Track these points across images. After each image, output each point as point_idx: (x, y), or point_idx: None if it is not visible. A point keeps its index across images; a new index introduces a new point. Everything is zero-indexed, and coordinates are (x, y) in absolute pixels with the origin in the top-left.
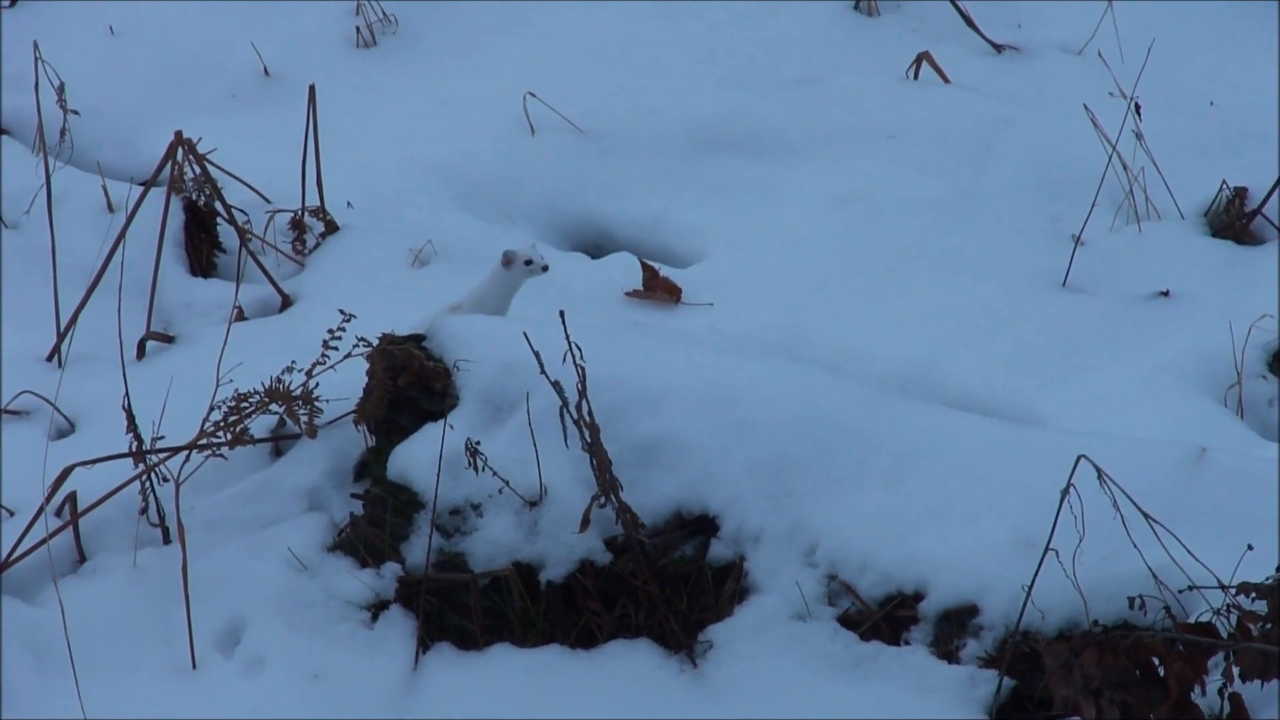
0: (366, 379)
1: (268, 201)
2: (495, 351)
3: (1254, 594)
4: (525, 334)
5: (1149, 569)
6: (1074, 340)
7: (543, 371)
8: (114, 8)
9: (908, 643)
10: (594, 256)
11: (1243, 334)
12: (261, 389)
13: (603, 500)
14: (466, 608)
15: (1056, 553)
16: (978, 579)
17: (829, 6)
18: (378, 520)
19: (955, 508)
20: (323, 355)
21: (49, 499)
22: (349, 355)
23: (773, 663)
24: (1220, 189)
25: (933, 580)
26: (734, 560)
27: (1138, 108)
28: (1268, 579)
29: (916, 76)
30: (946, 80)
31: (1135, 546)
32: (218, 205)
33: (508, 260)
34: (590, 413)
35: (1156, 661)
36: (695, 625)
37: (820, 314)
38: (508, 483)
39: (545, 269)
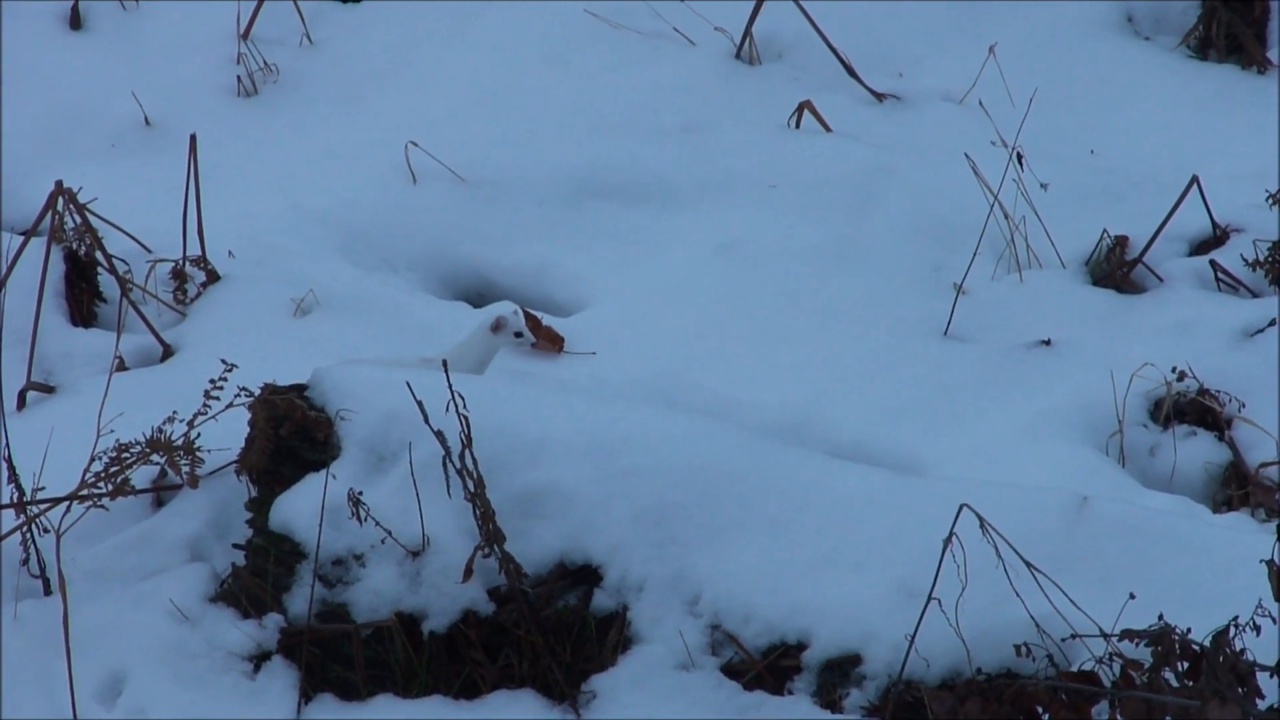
0: (248, 429)
1: (149, 251)
2: (378, 401)
3: (1138, 640)
4: (408, 383)
5: (1031, 617)
6: (956, 389)
7: (426, 421)
8: None
9: (791, 692)
10: (476, 305)
11: (1124, 383)
12: (143, 439)
13: (486, 550)
14: (349, 658)
15: (939, 601)
16: (861, 628)
17: (710, 55)
18: (260, 571)
19: (838, 557)
20: (204, 405)
21: None
22: (231, 405)
23: (656, 712)
24: (1101, 238)
25: (816, 629)
26: (617, 610)
27: (1019, 156)
28: (1150, 627)
29: (798, 125)
30: (828, 129)
31: (1018, 595)
32: (98, 255)
33: (498, 326)
34: (475, 463)
35: (1040, 710)
36: (579, 675)
37: (703, 362)
38: (390, 533)
39: (529, 343)
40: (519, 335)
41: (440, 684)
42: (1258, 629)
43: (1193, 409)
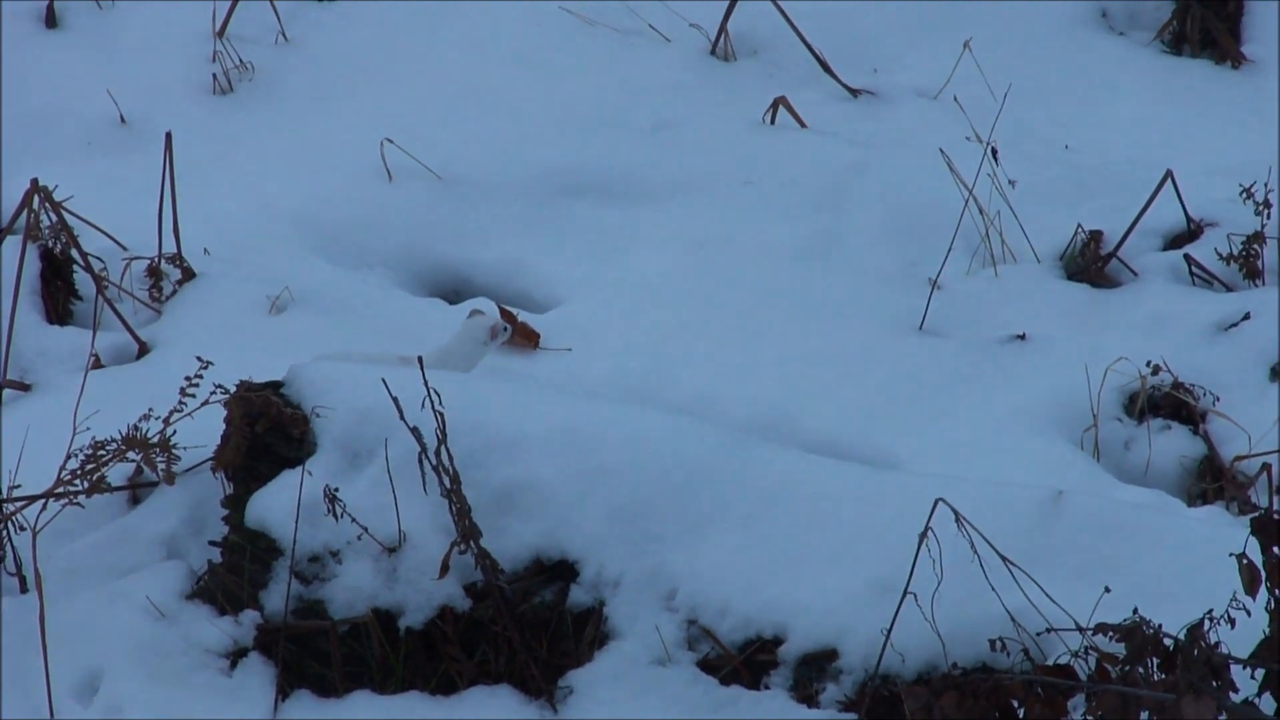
0: (224, 426)
1: (124, 249)
2: (353, 398)
3: (1112, 635)
4: (384, 380)
5: (1007, 611)
6: (931, 384)
7: (402, 418)
8: None
9: (767, 687)
10: (452, 303)
11: (1099, 377)
12: (119, 437)
13: (462, 546)
14: (326, 655)
15: (915, 596)
16: (836, 623)
17: (685, 52)
18: (236, 568)
19: (814, 552)
20: (180, 402)
21: None
22: (206, 402)
23: (633, 707)
24: (1076, 232)
25: (792, 624)
26: (594, 606)
27: (994, 152)
28: (1125, 621)
29: (773, 121)
30: (803, 125)
31: (993, 589)
32: (74, 253)
33: (495, 333)
34: (450, 458)
35: (1016, 704)
36: (555, 671)
37: (679, 359)
38: (366, 529)
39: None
40: (506, 329)
41: (417, 680)
42: (1232, 622)
43: (1167, 403)
